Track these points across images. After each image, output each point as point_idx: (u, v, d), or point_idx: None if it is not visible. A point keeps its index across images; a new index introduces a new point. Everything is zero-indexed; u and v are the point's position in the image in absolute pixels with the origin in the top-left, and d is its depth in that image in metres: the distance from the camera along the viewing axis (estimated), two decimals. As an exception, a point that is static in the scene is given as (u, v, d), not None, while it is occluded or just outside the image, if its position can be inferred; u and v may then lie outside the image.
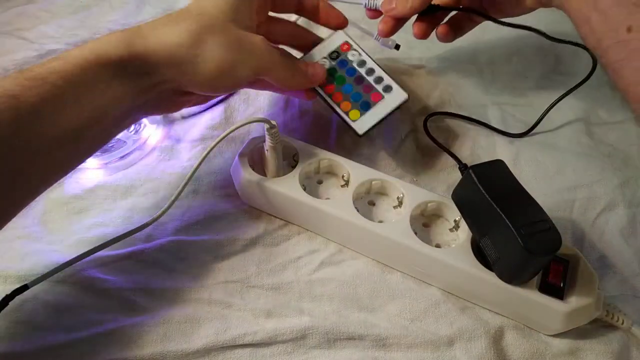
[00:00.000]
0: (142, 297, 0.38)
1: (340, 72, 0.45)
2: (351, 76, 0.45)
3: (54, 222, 0.43)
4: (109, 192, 0.45)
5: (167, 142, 0.50)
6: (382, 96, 0.44)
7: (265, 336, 0.36)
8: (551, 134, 0.51)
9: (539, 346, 0.36)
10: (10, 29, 0.66)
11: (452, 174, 0.47)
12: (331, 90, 0.44)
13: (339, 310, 0.37)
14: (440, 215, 0.42)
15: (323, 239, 0.42)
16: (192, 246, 0.41)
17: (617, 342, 0.36)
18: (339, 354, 0.36)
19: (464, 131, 0.51)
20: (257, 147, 0.43)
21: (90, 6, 0.70)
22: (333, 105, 0.44)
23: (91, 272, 0.39)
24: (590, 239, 0.42)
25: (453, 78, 0.58)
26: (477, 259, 0.36)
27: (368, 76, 0.45)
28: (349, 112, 0.43)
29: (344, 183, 0.43)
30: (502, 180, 0.35)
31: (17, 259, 0.40)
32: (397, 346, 0.36)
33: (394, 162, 0.48)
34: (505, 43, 0.59)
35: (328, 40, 0.46)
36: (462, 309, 0.38)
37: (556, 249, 0.31)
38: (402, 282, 0.39)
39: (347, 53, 0.45)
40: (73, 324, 0.36)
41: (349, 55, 0.45)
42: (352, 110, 0.43)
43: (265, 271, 0.40)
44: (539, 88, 0.56)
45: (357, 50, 0.45)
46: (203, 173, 0.46)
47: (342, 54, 0.45)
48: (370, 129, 0.43)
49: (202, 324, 0.36)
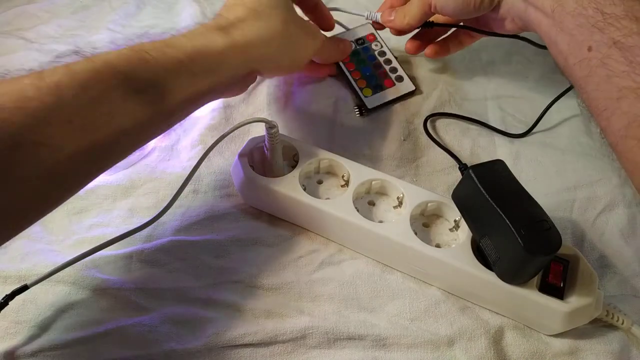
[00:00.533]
0: (142, 297, 0.38)
1: (363, 56, 0.54)
2: (371, 61, 0.54)
3: (54, 222, 0.43)
4: (109, 192, 0.45)
5: (167, 142, 0.50)
6: (393, 83, 0.53)
7: (265, 336, 0.36)
8: (551, 134, 0.51)
9: (539, 346, 0.36)
10: (10, 29, 0.66)
11: (452, 174, 0.47)
12: (352, 68, 0.53)
13: (339, 310, 0.37)
14: (440, 215, 0.42)
15: (323, 239, 0.42)
16: (192, 246, 0.41)
17: (617, 342, 0.36)
18: (338, 354, 0.36)
19: (464, 131, 0.51)
20: (257, 147, 0.43)
21: (90, 6, 0.70)
22: (351, 80, 0.52)
23: (91, 272, 0.39)
24: (590, 239, 0.42)
25: (453, 78, 0.58)
26: (477, 259, 0.36)
27: (385, 65, 0.54)
28: (363, 89, 0.52)
29: (344, 183, 0.43)
30: (502, 180, 0.35)
31: (17, 259, 0.40)
32: (397, 346, 0.36)
33: (394, 162, 0.48)
34: (506, 43, 0.59)
35: (357, 29, 0.55)
36: (462, 309, 0.38)
37: (556, 249, 0.32)
38: (402, 282, 0.39)
39: (372, 43, 0.55)
40: (73, 324, 0.36)
41: (373, 45, 0.55)
42: (366, 88, 0.52)
43: (265, 271, 0.40)
44: (539, 88, 0.56)
45: (380, 42, 0.55)
46: (203, 173, 0.46)
47: (367, 42, 0.55)
48: (378, 106, 0.51)
49: (202, 324, 0.36)
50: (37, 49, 0.63)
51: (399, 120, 0.52)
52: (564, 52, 0.35)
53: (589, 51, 0.32)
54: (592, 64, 0.32)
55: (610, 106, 0.31)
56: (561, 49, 0.35)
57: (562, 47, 0.35)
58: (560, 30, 0.35)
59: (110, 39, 0.65)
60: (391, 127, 0.51)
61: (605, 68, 0.31)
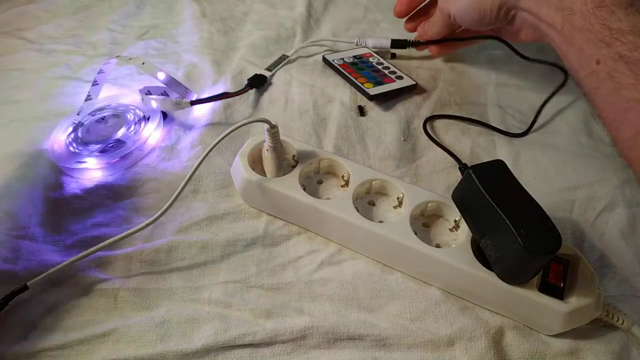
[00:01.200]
0: (142, 297, 0.38)
1: (361, 66, 0.58)
2: (370, 68, 0.58)
3: (54, 222, 0.43)
4: (109, 192, 0.45)
5: (167, 142, 0.50)
6: (394, 80, 0.56)
7: (265, 336, 0.36)
8: (551, 134, 0.51)
9: (539, 346, 0.36)
10: (10, 29, 0.66)
11: (452, 174, 0.47)
12: (352, 72, 0.57)
13: (339, 311, 0.37)
14: (440, 215, 0.42)
15: (323, 239, 0.42)
16: (192, 246, 0.41)
17: (617, 342, 0.36)
18: (338, 354, 0.36)
19: (463, 131, 0.51)
20: (257, 147, 0.43)
21: (90, 6, 0.70)
22: (352, 79, 0.55)
23: (91, 272, 0.39)
24: (590, 239, 0.42)
25: (453, 78, 0.58)
26: (477, 259, 0.36)
27: (384, 70, 0.58)
28: (364, 84, 0.55)
29: (344, 183, 0.43)
30: (502, 180, 0.35)
31: (17, 259, 0.40)
32: (397, 346, 0.36)
33: (394, 162, 0.48)
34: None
35: (353, 50, 0.61)
36: (462, 309, 0.38)
37: (556, 249, 0.31)
38: (402, 282, 0.39)
39: (369, 58, 0.60)
40: (73, 324, 0.36)
41: (370, 59, 0.60)
42: (367, 83, 0.55)
43: (265, 271, 0.40)
44: (539, 88, 0.56)
45: (377, 57, 0.60)
46: (203, 173, 0.46)
47: (365, 58, 0.60)
48: (379, 94, 0.53)
49: (201, 324, 0.36)
50: (37, 49, 0.63)
51: (399, 121, 0.52)
52: (574, 65, 0.37)
53: (597, 65, 0.34)
54: (600, 77, 0.34)
55: (619, 117, 0.33)
56: (572, 62, 0.37)
57: (572, 60, 0.37)
58: (571, 45, 0.37)
59: (110, 39, 0.65)
60: (391, 128, 0.51)
61: (613, 81, 0.33)
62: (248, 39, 0.65)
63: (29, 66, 0.60)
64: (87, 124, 0.51)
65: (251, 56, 0.61)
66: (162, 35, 0.66)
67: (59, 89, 0.57)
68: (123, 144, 0.48)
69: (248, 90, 0.55)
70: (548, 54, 0.58)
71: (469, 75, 0.59)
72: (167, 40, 0.65)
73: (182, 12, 0.70)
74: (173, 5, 0.72)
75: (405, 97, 0.55)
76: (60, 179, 0.47)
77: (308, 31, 0.67)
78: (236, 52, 0.63)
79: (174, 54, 0.63)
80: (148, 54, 0.63)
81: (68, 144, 0.49)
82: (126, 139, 0.49)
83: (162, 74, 0.52)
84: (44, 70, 0.60)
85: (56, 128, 0.51)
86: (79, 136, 0.50)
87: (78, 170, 0.47)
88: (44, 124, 0.52)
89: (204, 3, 0.72)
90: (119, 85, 0.58)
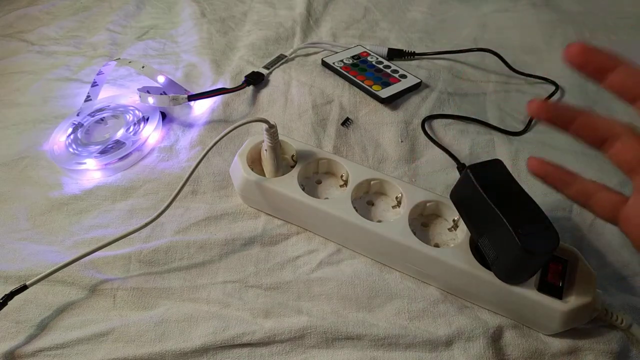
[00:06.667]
0: (141, 297, 0.38)
1: (362, 66, 0.58)
2: (371, 68, 0.58)
3: (54, 223, 0.43)
4: (109, 193, 0.45)
5: (166, 142, 0.50)
6: (399, 80, 0.56)
7: (264, 336, 0.36)
8: (550, 133, 0.51)
9: (538, 346, 0.36)
10: (11, 32, 0.66)
11: (451, 174, 0.47)
12: (355, 74, 0.56)
13: (337, 310, 0.37)
14: (438, 215, 0.42)
15: (322, 239, 0.42)
16: (191, 246, 0.41)
17: (617, 342, 0.36)
18: (337, 353, 0.36)
19: (462, 131, 0.51)
20: (256, 147, 0.43)
21: (90, 7, 0.70)
22: (358, 82, 0.55)
23: (91, 272, 0.39)
24: (589, 239, 0.42)
25: (452, 78, 0.58)
26: (476, 259, 0.36)
27: (385, 69, 0.58)
28: (372, 86, 0.55)
29: (343, 183, 0.43)
30: (500, 179, 0.35)
31: (17, 259, 0.40)
32: (395, 346, 0.36)
33: (393, 162, 0.48)
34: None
35: (349, 50, 0.61)
36: (460, 309, 0.38)
37: (554, 249, 0.31)
38: (400, 282, 0.39)
39: (367, 57, 0.60)
40: (72, 324, 0.36)
41: (369, 58, 0.60)
42: (375, 86, 0.55)
43: (263, 271, 0.40)
44: (539, 88, 0.56)
45: (375, 55, 0.60)
46: (202, 173, 0.46)
47: (362, 57, 0.60)
48: (391, 96, 0.54)
49: (200, 324, 0.36)
50: (37, 50, 0.63)
51: (397, 121, 0.52)
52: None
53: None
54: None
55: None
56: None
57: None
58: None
59: (110, 39, 0.65)
60: (390, 128, 0.51)
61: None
62: (247, 39, 0.65)
63: (30, 68, 0.61)
64: (86, 124, 0.51)
65: (250, 56, 0.61)
66: (162, 35, 0.66)
67: (60, 90, 0.57)
68: (122, 145, 0.48)
69: (245, 86, 0.55)
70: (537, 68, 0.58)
71: (467, 74, 0.59)
72: (166, 41, 0.65)
73: (182, 13, 0.71)
74: (173, 6, 0.72)
75: (405, 96, 0.55)
76: (60, 180, 0.47)
77: (308, 31, 0.67)
78: (235, 52, 0.63)
79: (174, 54, 0.63)
80: (147, 54, 0.63)
81: (67, 145, 0.49)
82: (125, 139, 0.49)
83: (161, 77, 0.52)
84: (45, 72, 0.60)
85: (56, 129, 0.51)
86: (79, 137, 0.50)
87: (78, 172, 0.47)
88: (45, 126, 0.52)
89: (203, 3, 0.72)
90: (118, 85, 0.58)
